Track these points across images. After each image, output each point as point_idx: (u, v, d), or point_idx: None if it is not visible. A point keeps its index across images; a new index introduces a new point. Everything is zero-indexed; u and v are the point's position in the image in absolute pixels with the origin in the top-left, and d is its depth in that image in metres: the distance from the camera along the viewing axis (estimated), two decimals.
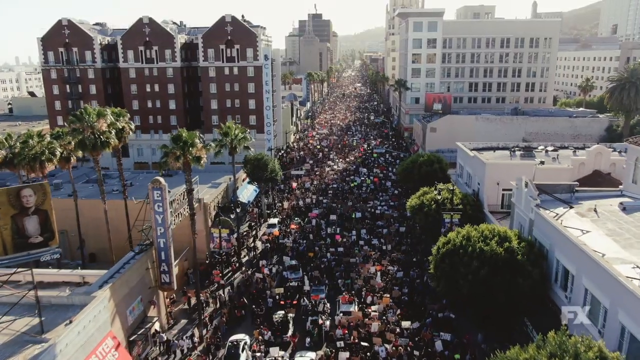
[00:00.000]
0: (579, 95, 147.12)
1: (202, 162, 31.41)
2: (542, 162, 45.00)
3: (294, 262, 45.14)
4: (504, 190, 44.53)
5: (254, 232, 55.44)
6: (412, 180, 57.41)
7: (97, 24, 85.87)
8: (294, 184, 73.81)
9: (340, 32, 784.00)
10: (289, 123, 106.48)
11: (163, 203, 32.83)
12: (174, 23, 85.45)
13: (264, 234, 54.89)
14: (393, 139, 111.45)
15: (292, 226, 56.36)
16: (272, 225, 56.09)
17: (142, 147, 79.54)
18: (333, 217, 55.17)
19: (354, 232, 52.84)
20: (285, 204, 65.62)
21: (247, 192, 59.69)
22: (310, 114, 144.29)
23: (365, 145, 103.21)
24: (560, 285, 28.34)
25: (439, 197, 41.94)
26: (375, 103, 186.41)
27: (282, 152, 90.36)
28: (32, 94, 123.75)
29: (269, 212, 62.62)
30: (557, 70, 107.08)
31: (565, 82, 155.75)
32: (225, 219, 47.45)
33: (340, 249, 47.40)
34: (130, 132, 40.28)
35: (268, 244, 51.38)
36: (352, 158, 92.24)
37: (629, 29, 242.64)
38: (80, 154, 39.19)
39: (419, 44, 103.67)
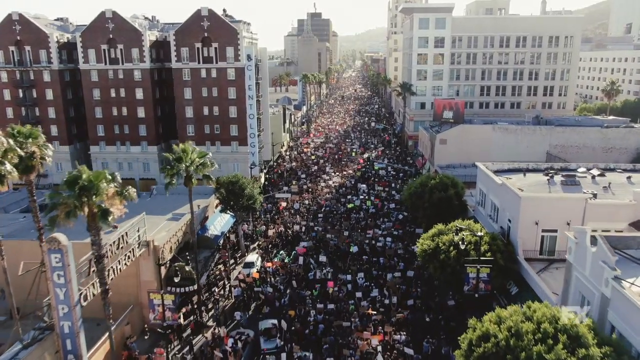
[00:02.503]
0: (597, 98, 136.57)
1: (111, 218, 20.78)
2: (594, 195, 34.47)
3: (270, 323, 34.61)
4: (544, 231, 34.19)
5: (225, 273, 44.86)
6: (421, 207, 46.92)
7: (58, 19, 75.29)
8: (283, 204, 63.31)
9: (341, 32, 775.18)
10: (280, 131, 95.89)
11: (65, 271, 22.34)
12: (146, 18, 74.68)
13: (239, 274, 44.37)
14: (397, 148, 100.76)
15: (272, 264, 45.84)
16: (250, 264, 45.51)
17: (107, 162, 68.90)
18: (323, 258, 44.31)
19: (349, 277, 42.28)
20: (270, 231, 55.18)
21: (220, 222, 49.10)
22: (305, 119, 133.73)
23: (365, 156, 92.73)
24: None
25: (462, 246, 31.34)
26: (377, 106, 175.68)
27: (266, 169, 79.47)
28: None
29: (247, 243, 52.05)
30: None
31: (581, 84, 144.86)
32: (182, 265, 36.92)
33: (331, 306, 36.73)
34: (47, 159, 29.63)
35: (241, 291, 40.87)
36: (350, 171, 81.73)
37: None
38: None
39: (425, 43, 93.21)
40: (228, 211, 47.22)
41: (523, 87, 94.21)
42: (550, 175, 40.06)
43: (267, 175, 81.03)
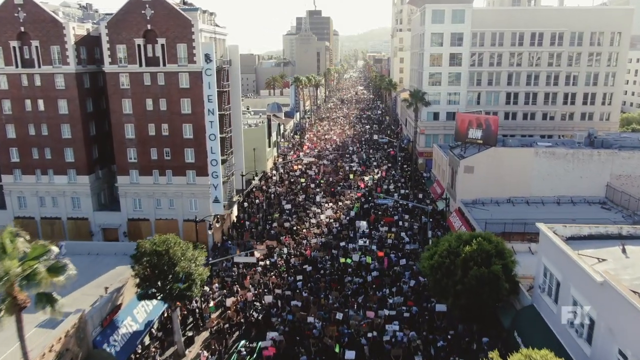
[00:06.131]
0: (632, 105, 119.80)
1: None
2: None
3: None
4: None
5: None
6: (451, 290, 30.28)
7: None
8: (257, 255, 46.62)
9: (343, 32, 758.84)
10: (264, 146, 79.21)
11: None
12: (81, 7, 57.94)
13: None
14: (405, 167, 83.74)
15: None
16: None
17: (25, 195, 52.35)
18: None
19: None
20: (229, 301, 38.76)
21: (143, 310, 32.40)
22: (298, 128, 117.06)
23: (366, 178, 76.05)
24: None
25: None
26: (380, 112, 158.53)
27: (241, 197, 62.72)
28: None
29: (192, 332, 35.36)
30: None
31: None
32: None
33: None
34: None
35: None
36: (347, 202, 64.99)
37: None
38: None
39: (439, 41, 76.76)
40: (149, 300, 30.41)
41: (558, 94, 77.57)
42: None
43: (245, 203, 64.59)
